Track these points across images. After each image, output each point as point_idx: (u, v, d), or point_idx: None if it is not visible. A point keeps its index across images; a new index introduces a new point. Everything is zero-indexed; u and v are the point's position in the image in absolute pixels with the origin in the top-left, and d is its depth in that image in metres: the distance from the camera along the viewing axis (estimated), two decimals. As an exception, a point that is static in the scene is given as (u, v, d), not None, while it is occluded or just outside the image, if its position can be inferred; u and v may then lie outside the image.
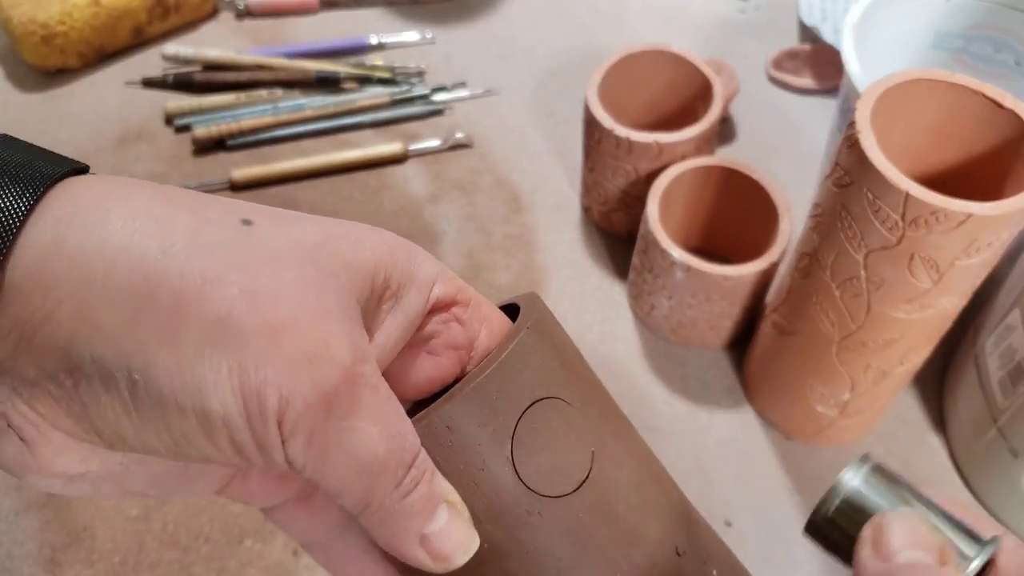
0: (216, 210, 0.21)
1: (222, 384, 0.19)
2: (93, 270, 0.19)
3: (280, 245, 0.21)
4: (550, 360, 0.25)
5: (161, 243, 0.19)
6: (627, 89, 0.59)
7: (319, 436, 0.20)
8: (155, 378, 0.19)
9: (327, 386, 0.20)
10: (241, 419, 0.19)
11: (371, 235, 0.23)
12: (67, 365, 0.19)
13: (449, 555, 0.23)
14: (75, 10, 0.70)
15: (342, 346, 0.20)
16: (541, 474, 0.23)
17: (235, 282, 0.19)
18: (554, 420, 0.24)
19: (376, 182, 0.66)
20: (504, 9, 0.80)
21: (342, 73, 0.72)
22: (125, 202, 0.20)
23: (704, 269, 0.50)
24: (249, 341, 0.19)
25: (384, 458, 0.21)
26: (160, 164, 0.67)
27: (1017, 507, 0.48)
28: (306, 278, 0.20)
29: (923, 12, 0.57)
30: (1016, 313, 0.46)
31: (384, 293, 0.23)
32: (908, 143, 0.41)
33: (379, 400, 0.21)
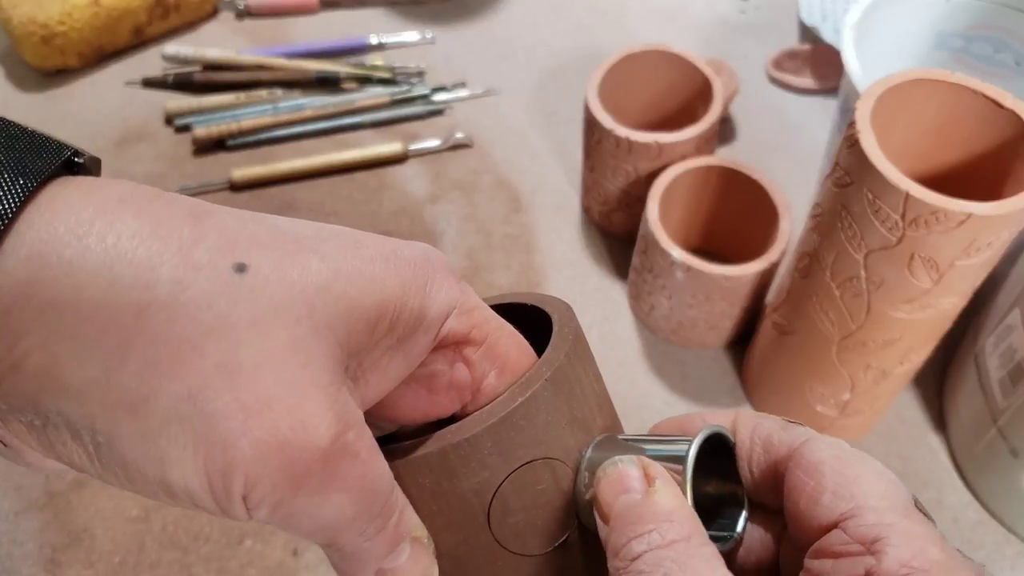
0: (207, 250, 0.19)
1: (186, 461, 0.18)
2: (62, 322, 0.18)
3: (273, 297, 0.19)
4: (559, 418, 0.23)
5: (140, 299, 0.18)
6: (627, 89, 0.59)
7: (287, 508, 0.20)
8: (118, 444, 0.18)
9: (298, 470, 0.19)
10: (205, 493, 0.19)
11: (383, 266, 0.21)
12: (34, 411, 0.18)
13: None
14: (75, 10, 0.70)
15: (322, 424, 0.19)
16: (515, 533, 0.23)
17: (213, 354, 0.18)
18: (544, 482, 0.23)
19: (376, 182, 0.66)
20: (504, 9, 0.80)
21: (342, 73, 0.72)
22: (104, 234, 0.18)
23: (704, 269, 0.50)
24: (218, 422, 0.18)
25: (351, 518, 0.21)
26: (160, 164, 0.67)
27: (1017, 507, 0.48)
28: (295, 342, 0.19)
29: (923, 12, 0.57)
30: (1016, 313, 0.45)
31: (387, 336, 0.22)
32: (908, 143, 0.41)
33: (357, 466, 0.20)
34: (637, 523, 0.21)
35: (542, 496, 0.23)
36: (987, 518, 0.50)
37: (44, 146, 0.20)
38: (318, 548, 0.48)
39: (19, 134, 0.20)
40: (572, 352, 0.24)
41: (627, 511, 0.21)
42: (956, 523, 0.50)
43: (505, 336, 0.24)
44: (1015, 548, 0.49)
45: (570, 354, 0.24)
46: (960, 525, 0.50)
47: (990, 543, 0.49)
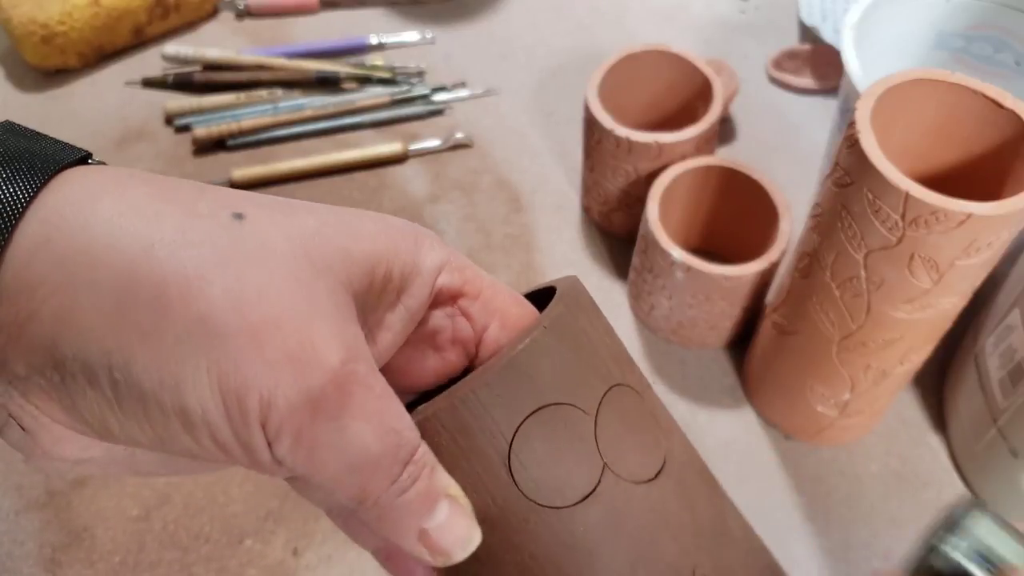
0: (208, 203, 0.20)
1: (200, 383, 0.19)
2: (77, 268, 0.19)
3: (271, 239, 0.20)
4: (567, 363, 0.23)
5: (146, 241, 0.19)
6: (627, 89, 0.59)
7: (307, 437, 0.20)
8: (135, 375, 0.19)
9: (312, 388, 0.19)
10: (222, 419, 0.19)
11: (372, 224, 0.22)
12: (52, 362, 0.19)
13: (448, 550, 0.22)
14: (75, 10, 0.70)
15: (330, 346, 0.20)
16: (540, 484, 0.23)
17: (218, 281, 0.19)
18: (560, 429, 0.23)
19: (376, 182, 0.66)
20: (504, 9, 0.80)
21: (342, 73, 0.72)
22: (116, 197, 0.19)
23: (704, 269, 0.50)
24: (229, 341, 0.19)
25: (378, 456, 0.21)
26: (160, 164, 0.67)
27: (1017, 507, 0.48)
28: (296, 274, 0.20)
29: (923, 12, 0.57)
30: (1016, 313, 0.45)
31: (386, 287, 0.22)
32: (908, 143, 0.41)
33: (373, 398, 0.21)
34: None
35: (561, 444, 0.23)
36: (987, 518, 0.50)
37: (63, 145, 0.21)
38: (318, 548, 0.49)
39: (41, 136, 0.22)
40: (574, 305, 0.24)
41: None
42: (956, 523, 0.50)
43: (500, 291, 0.25)
44: (1015, 548, 0.49)
45: (571, 306, 0.24)
46: (960, 525, 0.50)
47: (990, 543, 0.49)
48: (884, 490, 0.51)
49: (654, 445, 0.25)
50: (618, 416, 0.24)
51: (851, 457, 0.52)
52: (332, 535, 0.49)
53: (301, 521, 0.49)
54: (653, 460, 0.25)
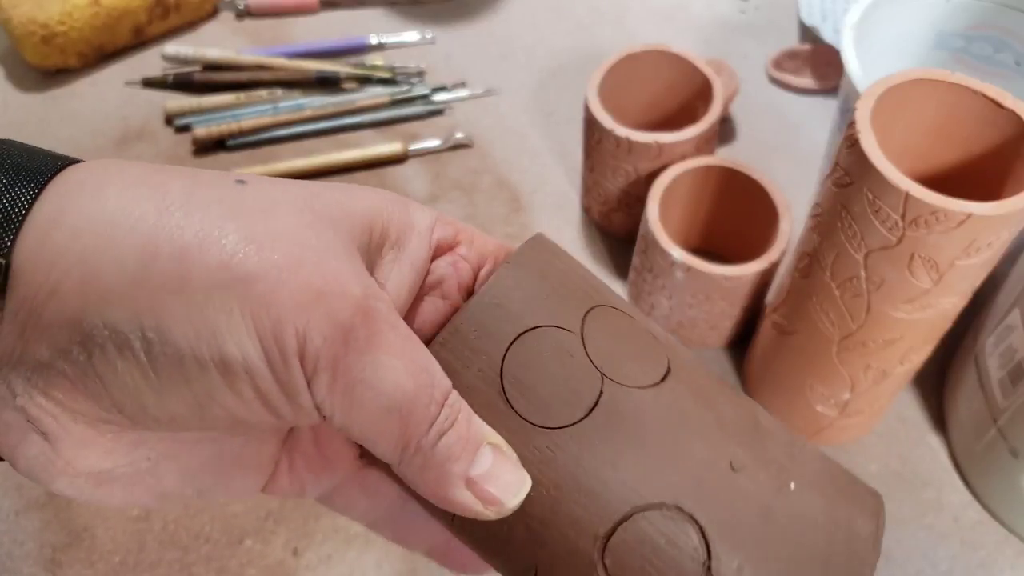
0: (209, 175, 0.21)
1: (236, 327, 0.19)
2: (94, 238, 0.19)
3: (275, 197, 0.21)
4: (538, 290, 0.24)
5: (158, 205, 0.19)
6: (627, 89, 0.59)
7: (343, 372, 0.20)
8: (169, 331, 0.19)
9: (343, 318, 0.20)
10: (262, 362, 0.19)
11: (363, 190, 0.23)
12: (79, 336, 0.19)
13: (499, 498, 0.22)
14: (75, 10, 0.70)
15: (351, 281, 0.20)
16: (540, 406, 0.22)
17: (234, 230, 0.19)
18: (548, 350, 0.23)
19: (376, 182, 0.66)
20: (504, 9, 0.80)
21: (342, 73, 0.72)
22: (119, 175, 0.20)
23: (704, 269, 0.50)
24: (256, 281, 0.19)
25: (413, 393, 0.20)
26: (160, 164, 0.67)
27: (1017, 507, 0.48)
28: (305, 223, 0.20)
29: (923, 12, 0.57)
30: (1016, 313, 0.45)
31: (384, 243, 0.23)
32: (908, 143, 0.41)
33: (400, 336, 0.21)
34: None
35: (551, 363, 0.23)
36: (987, 518, 0.50)
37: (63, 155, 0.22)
38: (318, 548, 0.49)
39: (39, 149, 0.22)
40: (538, 246, 0.25)
41: None
42: (956, 523, 0.50)
43: (490, 240, 0.27)
44: (1015, 548, 0.49)
45: (533, 245, 0.25)
46: (960, 525, 0.50)
47: (990, 543, 0.49)
48: (884, 490, 0.51)
49: (653, 352, 0.24)
50: (607, 331, 0.24)
51: (851, 457, 0.52)
52: (332, 535, 0.49)
53: (301, 521, 0.49)
54: (655, 365, 0.24)
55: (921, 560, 0.48)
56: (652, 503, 0.22)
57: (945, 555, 0.49)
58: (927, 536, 0.49)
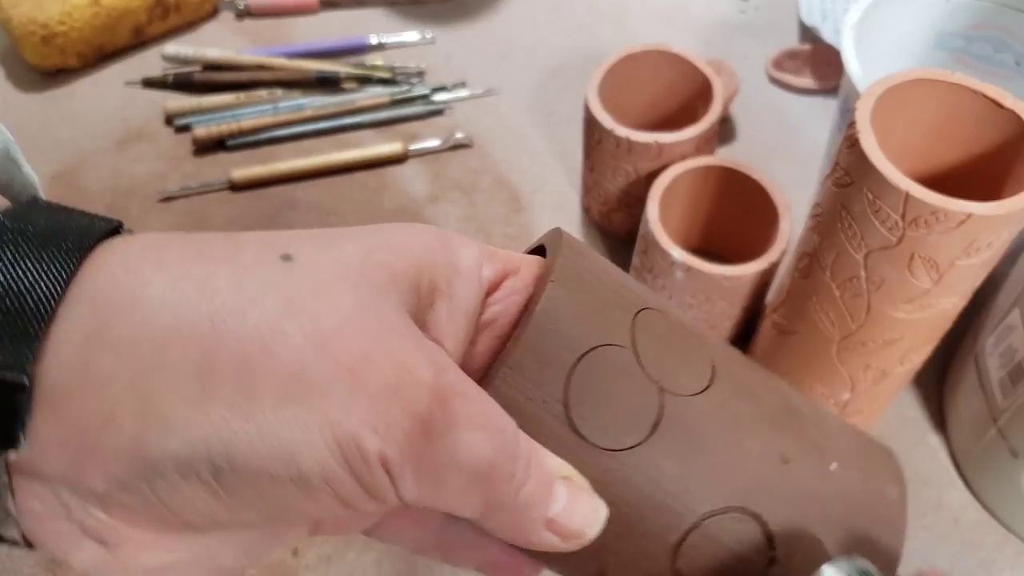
0: (252, 252, 0.19)
1: (314, 442, 0.18)
2: (145, 358, 0.17)
3: (327, 273, 0.19)
4: (587, 306, 0.23)
5: (209, 308, 0.18)
6: (627, 89, 0.59)
7: (427, 463, 0.19)
8: (240, 456, 0.18)
9: (420, 409, 0.19)
10: (343, 472, 0.18)
11: (407, 238, 0.21)
12: (139, 468, 0.17)
13: (579, 530, 0.22)
14: (75, 10, 0.70)
15: (421, 364, 0.19)
16: (607, 430, 0.22)
17: (296, 330, 0.18)
18: (606, 371, 0.23)
19: (376, 182, 0.66)
20: (504, 9, 0.80)
21: (342, 73, 0.72)
22: (158, 268, 0.18)
23: (704, 269, 0.50)
24: (331, 389, 0.18)
25: (493, 460, 0.20)
26: (160, 164, 0.67)
27: (1017, 507, 0.48)
28: (363, 303, 0.19)
29: (923, 12, 0.57)
30: (1016, 313, 0.45)
31: (434, 296, 0.22)
32: (908, 143, 0.41)
33: (472, 403, 0.20)
34: None
35: (611, 384, 0.23)
36: (987, 518, 0.50)
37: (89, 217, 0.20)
38: (318, 548, 0.48)
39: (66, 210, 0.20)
40: (569, 251, 0.24)
41: None
42: (956, 523, 0.50)
43: (529, 260, 0.25)
44: (1015, 548, 0.49)
45: (567, 253, 0.24)
46: (960, 525, 0.50)
47: (990, 543, 0.49)
48: (884, 490, 0.51)
49: (697, 353, 0.25)
50: (654, 338, 0.24)
51: (851, 457, 0.52)
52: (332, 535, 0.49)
53: (301, 521, 0.49)
54: (702, 368, 0.24)
55: (921, 560, 0.48)
56: (719, 508, 0.23)
57: (945, 555, 0.49)
58: (927, 536, 0.49)
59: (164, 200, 0.65)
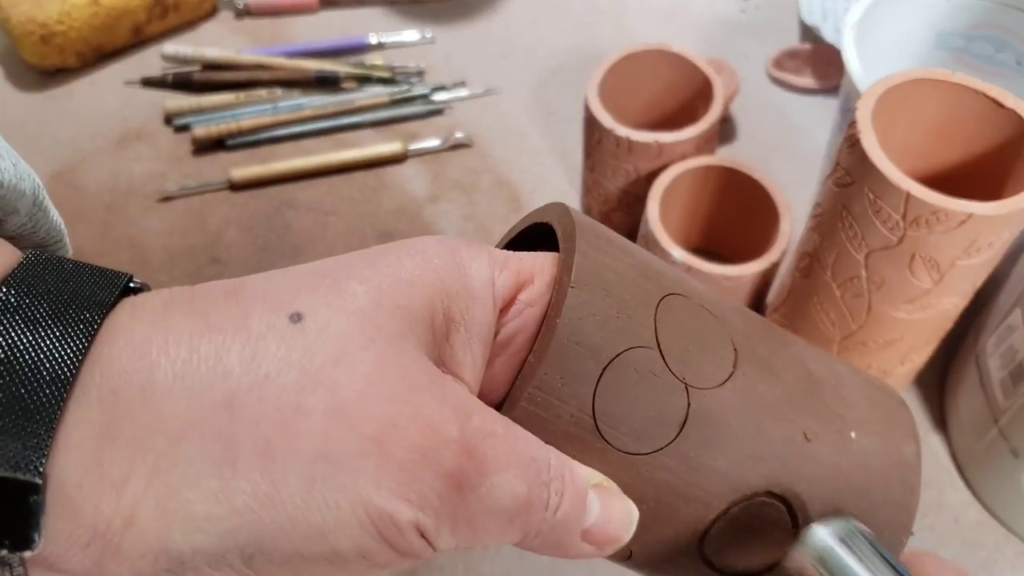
0: (260, 315, 0.18)
1: (347, 521, 0.18)
2: (161, 452, 0.17)
3: (340, 331, 0.19)
4: (609, 309, 0.22)
5: (224, 391, 0.17)
6: (627, 89, 0.59)
7: (463, 516, 0.19)
8: (270, 543, 0.17)
9: (450, 467, 0.18)
10: (378, 544, 0.18)
11: (418, 268, 0.20)
12: (167, 564, 0.17)
13: (615, 536, 0.22)
14: (74, 10, 0.70)
15: (447, 419, 0.19)
16: (636, 436, 0.22)
17: (317, 405, 0.17)
18: (632, 376, 0.22)
19: (375, 182, 0.66)
20: (504, 9, 0.80)
21: (341, 73, 0.72)
22: (166, 348, 0.17)
23: (704, 269, 0.50)
24: (358, 464, 0.17)
25: (528, 495, 0.20)
26: (159, 164, 0.67)
27: (1018, 507, 0.48)
28: (381, 360, 0.19)
29: (924, 12, 0.57)
30: (1017, 313, 0.45)
31: (448, 328, 0.21)
32: (909, 143, 0.41)
33: (501, 443, 0.20)
34: None
35: (638, 389, 0.22)
36: (988, 518, 0.50)
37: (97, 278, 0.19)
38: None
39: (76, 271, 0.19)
40: (585, 242, 0.23)
41: None
42: (957, 523, 0.50)
43: (541, 260, 0.23)
44: (1016, 548, 0.49)
45: (583, 245, 0.23)
46: (961, 525, 0.50)
47: (991, 543, 0.49)
48: (885, 490, 0.51)
49: (719, 336, 0.24)
50: (677, 330, 0.23)
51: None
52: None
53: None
54: (725, 352, 0.24)
55: (922, 561, 0.48)
56: (746, 495, 0.24)
57: (946, 555, 0.48)
58: (928, 536, 0.49)
59: (163, 200, 0.65)
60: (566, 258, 0.23)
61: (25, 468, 0.16)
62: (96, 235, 0.63)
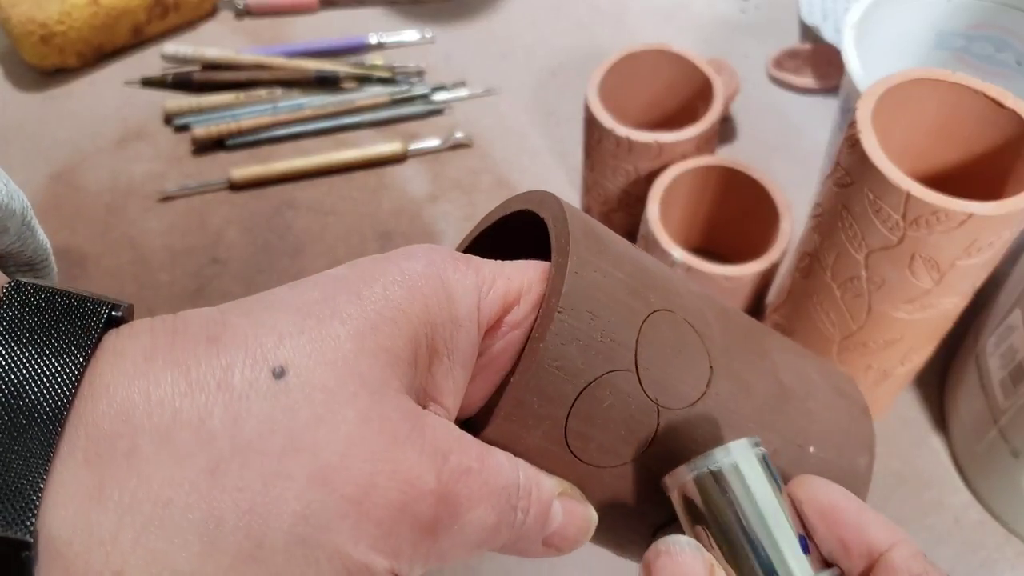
0: (242, 372, 0.18)
1: (326, 573, 0.18)
2: (147, 515, 0.17)
3: (323, 386, 0.19)
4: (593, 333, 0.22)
5: (208, 459, 0.17)
6: (627, 89, 0.59)
7: (435, 553, 0.20)
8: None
9: (426, 519, 0.19)
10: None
11: (404, 302, 0.20)
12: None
13: (574, 539, 0.23)
14: (74, 9, 0.70)
15: (423, 469, 0.19)
16: (604, 451, 0.23)
17: (300, 471, 0.18)
18: (607, 398, 0.22)
19: (375, 182, 0.66)
20: (504, 9, 0.80)
21: (341, 72, 0.72)
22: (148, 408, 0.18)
23: (704, 269, 0.50)
24: (339, 525, 0.18)
25: (498, 522, 0.21)
26: (159, 164, 0.67)
27: (1018, 508, 0.48)
28: (363, 415, 0.19)
29: (924, 11, 0.57)
30: (1017, 313, 0.45)
31: (431, 358, 0.21)
32: (909, 143, 0.41)
33: (475, 479, 0.20)
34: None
35: (611, 410, 0.22)
36: (988, 519, 0.50)
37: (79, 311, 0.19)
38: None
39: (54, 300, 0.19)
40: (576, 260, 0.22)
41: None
42: (957, 524, 0.50)
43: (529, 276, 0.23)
44: (1016, 548, 0.49)
45: (573, 265, 0.22)
46: (961, 526, 0.49)
47: (991, 543, 0.49)
48: (885, 491, 0.51)
49: (698, 356, 0.24)
50: (657, 351, 0.23)
51: (852, 457, 0.52)
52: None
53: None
54: (701, 371, 0.24)
55: (922, 561, 0.48)
56: None
57: (946, 556, 0.48)
58: (928, 537, 0.49)
59: (163, 200, 0.65)
60: (556, 278, 0.22)
61: (14, 525, 0.16)
62: (96, 235, 0.63)
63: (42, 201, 0.65)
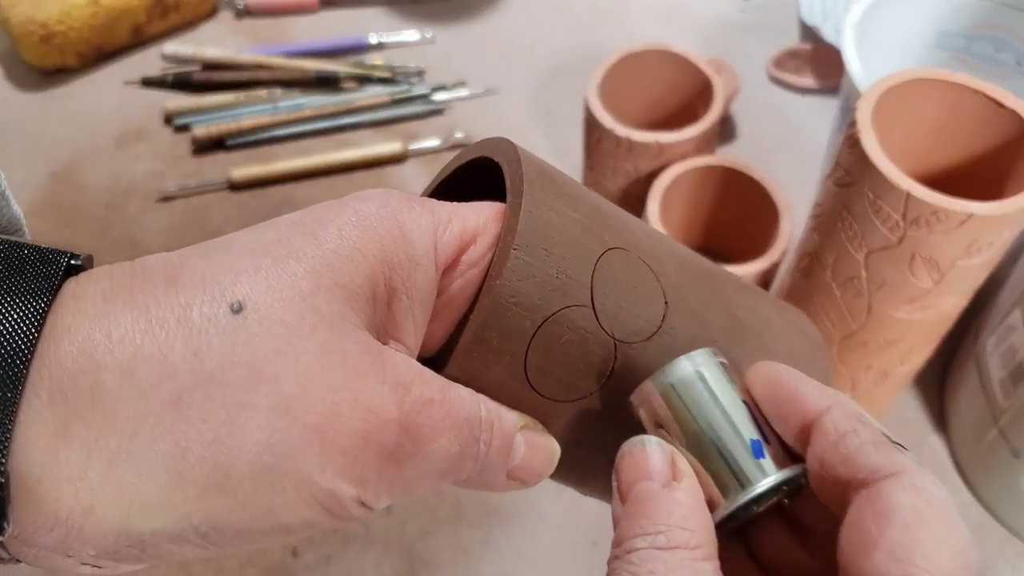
0: (201, 308, 0.19)
1: (293, 501, 0.19)
2: (114, 449, 0.18)
3: (282, 318, 0.19)
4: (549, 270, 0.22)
5: (171, 391, 0.18)
6: (627, 89, 0.59)
7: (400, 482, 0.20)
8: (223, 523, 0.19)
9: (390, 446, 0.20)
10: (322, 516, 0.20)
11: (359, 241, 0.21)
12: (128, 542, 0.18)
13: (537, 473, 0.24)
14: (74, 9, 0.70)
15: (386, 400, 0.20)
16: (565, 386, 0.23)
17: (262, 401, 0.18)
18: (565, 332, 0.23)
19: (375, 182, 0.66)
20: (504, 8, 0.80)
21: (341, 72, 0.72)
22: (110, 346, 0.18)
23: (704, 269, 0.50)
24: (304, 453, 0.19)
25: (461, 453, 0.21)
26: (159, 164, 0.67)
27: (1018, 508, 0.48)
28: (323, 346, 0.19)
29: (924, 12, 0.57)
30: (1017, 313, 0.45)
31: (390, 296, 0.21)
32: (909, 143, 0.41)
33: (437, 410, 0.21)
34: (649, 518, 0.20)
35: (569, 345, 0.23)
36: (988, 519, 0.50)
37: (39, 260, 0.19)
38: (318, 548, 0.48)
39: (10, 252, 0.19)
40: (531, 200, 0.23)
41: (644, 502, 0.20)
42: (957, 524, 0.50)
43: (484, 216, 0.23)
44: (1016, 549, 0.49)
45: (528, 204, 0.23)
46: (961, 526, 0.49)
47: (991, 544, 0.49)
48: (885, 491, 0.51)
49: (653, 293, 0.25)
50: (612, 287, 0.24)
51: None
52: (331, 535, 0.49)
53: (300, 522, 0.49)
54: (657, 308, 0.25)
55: (922, 561, 0.48)
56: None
57: (946, 556, 0.48)
58: (928, 537, 0.49)
59: (163, 199, 0.65)
60: (511, 217, 0.23)
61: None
62: (96, 235, 0.63)
63: (42, 200, 0.65)
